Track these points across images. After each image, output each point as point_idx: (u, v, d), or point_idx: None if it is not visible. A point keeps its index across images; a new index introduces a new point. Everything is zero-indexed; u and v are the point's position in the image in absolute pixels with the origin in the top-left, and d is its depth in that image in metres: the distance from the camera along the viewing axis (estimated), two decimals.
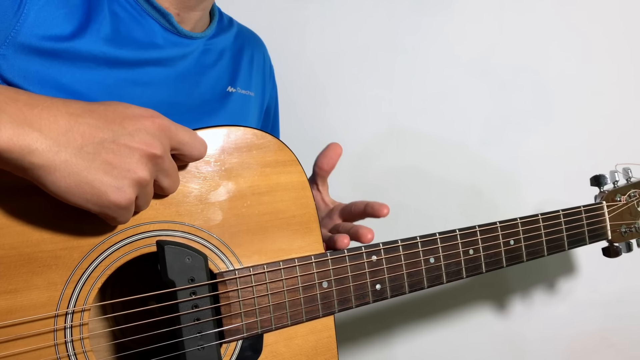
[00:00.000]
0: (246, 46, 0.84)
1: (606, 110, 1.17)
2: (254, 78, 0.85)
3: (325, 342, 0.64)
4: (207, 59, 0.75)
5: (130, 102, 0.49)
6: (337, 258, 0.64)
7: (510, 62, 1.15)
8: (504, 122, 1.17)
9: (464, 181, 1.16)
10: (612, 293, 1.19)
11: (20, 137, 0.41)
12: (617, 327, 1.19)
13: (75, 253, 0.51)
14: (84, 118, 0.45)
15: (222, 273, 0.58)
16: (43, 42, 0.56)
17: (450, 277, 0.72)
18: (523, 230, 0.78)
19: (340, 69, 1.15)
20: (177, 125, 0.50)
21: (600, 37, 1.15)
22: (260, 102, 0.87)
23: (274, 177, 0.62)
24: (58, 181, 0.43)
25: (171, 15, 0.67)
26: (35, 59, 0.56)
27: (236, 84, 0.79)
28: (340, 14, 1.13)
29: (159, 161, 0.48)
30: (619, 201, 0.92)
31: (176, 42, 0.69)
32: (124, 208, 0.47)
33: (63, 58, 0.57)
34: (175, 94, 0.69)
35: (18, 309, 0.48)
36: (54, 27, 0.56)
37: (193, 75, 0.72)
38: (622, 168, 0.95)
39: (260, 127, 0.89)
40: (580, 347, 1.19)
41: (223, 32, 0.80)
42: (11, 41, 0.54)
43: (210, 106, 0.75)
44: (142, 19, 0.65)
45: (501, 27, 1.15)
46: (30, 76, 0.56)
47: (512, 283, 1.20)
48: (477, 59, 1.15)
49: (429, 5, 1.14)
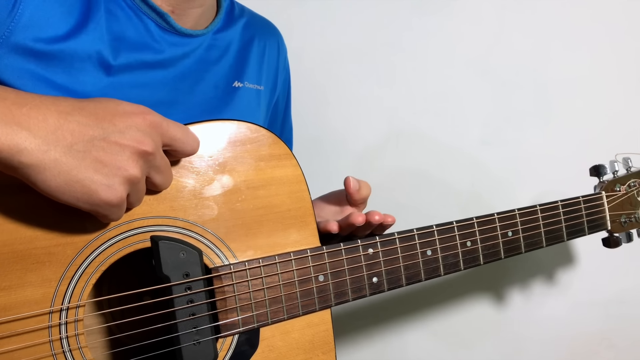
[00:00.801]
0: (257, 37, 0.81)
1: (607, 110, 1.16)
2: (264, 71, 0.82)
3: (322, 335, 0.64)
4: (211, 55, 0.73)
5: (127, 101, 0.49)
6: (333, 251, 0.64)
7: (511, 62, 1.14)
8: (504, 122, 1.16)
9: (464, 181, 1.16)
10: (613, 293, 1.19)
11: (9, 136, 0.41)
12: (618, 328, 1.19)
13: (69, 249, 0.51)
14: (74, 116, 0.44)
15: (217, 268, 0.58)
16: (37, 44, 0.55)
17: (448, 270, 0.72)
18: (521, 222, 0.78)
19: (340, 68, 1.14)
20: (168, 121, 0.50)
21: (602, 35, 1.14)
22: (270, 95, 0.84)
23: (268, 171, 0.62)
24: (48, 180, 0.43)
25: (167, 14, 0.65)
26: (30, 59, 0.55)
27: (243, 79, 0.77)
28: (340, 13, 1.13)
29: (150, 158, 0.48)
30: (619, 191, 0.91)
31: (174, 42, 0.67)
32: (115, 206, 0.46)
33: (58, 59, 0.56)
34: (174, 93, 0.68)
35: (12, 306, 0.48)
36: (49, 28, 0.55)
37: (194, 73, 0.70)
38: (622, 158, 0.94)
39: (269, 122, 0.87)
40: (580, 347, 1.19)
41: (231, 24, 0.77)
42: (4, 41, 0.53)
43: (214, 103, 0.73)
44: (139, 18, 0.64)
45: (502, 26, 1.14)
46: (25, 76, 0.55)
47: (512, 282, 1.20)
48: (477, 58, 1.14)
49: (430, 4, 1.13)
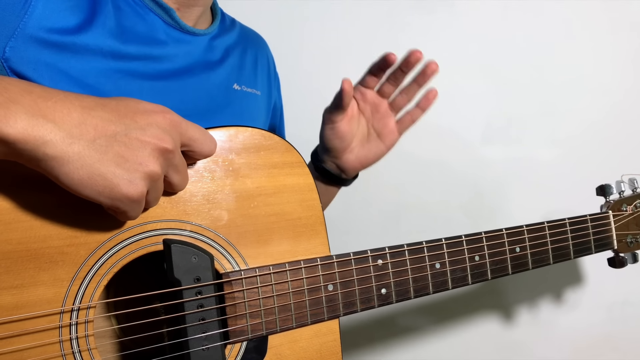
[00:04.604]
0: (250, 46, 0.85)
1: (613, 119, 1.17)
2: (259, 77, 0.85)
3: (329, 345, 0.64)
4: (213, 56, 0.75)
5: (139, 95, 0.50)
6: (342, 261, 0.64)
7: (514, 63, 1.16)
8: (508, 123, 1.16)
9: (466, 182, 1.16)
10: (617, 296, 1.18)
11: (35, 127, 0.41)
12: (622, 330, 1.18)
13: (82, 250, 0.51)
14: (97, 111, 0.45)
15: (228, 273, 0.57)
16: (50, 35, 0.56)
17: (456, 283, 0.71)
18: (529, 238, 0.78)
19: (340, 68, 1.15)
20: (187, 121, 0.51)
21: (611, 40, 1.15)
22: (267, 101, 0.87)
23: (281, 179, 0.62)
24: (71, 173, 0.43)
25: (173, 10, 0.68)
26: (44, 51, 0.56)
27: (241, 82, 0.80)
28: (340, 12, 1.13)
29: (169, 156, 0.48)
30: (625, 211, 0.91)
31: (179, 38, 0.69)
32: (135, 201, 0.46)
33: (71, 51, 0.58)
34: (183, 90, 0.70)
35: (24, 305, 0.48)
36: (60, 20, 0.57)
37: (196, 70, 0.72)
38: (628, 178, 0.95)
39: (269, 126, 0.90)
40: (584, 350, 1.18)
41: (226, 32, 0.80)
42: (20, 33, 0.55)
43: (217, 102, 0.75)
44: (145, 14, 0.66)
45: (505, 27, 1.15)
46: (40, 69, 0.56)
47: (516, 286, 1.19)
48: (480, 59, 1.15)
49: (431, 3, 1.14)
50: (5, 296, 0.47)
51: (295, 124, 0.96)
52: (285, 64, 1.02)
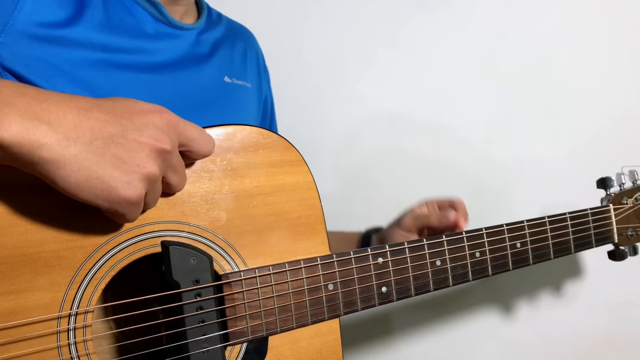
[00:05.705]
0: (238, 40, 0.85)
1: (612, 111, 1.16)
2: (249, 70, 0.85)
3: (330, 345, 0.63)
4: (201, 50, 0.75)
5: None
6: (343, 260, 0.63)
7: (515, 62, 1.15)
8: (508, 121, 1.16)
9: (466, 181, 1.16)
10: (618, 295, 1.18)
11: (30, 130, 0.40)
12: (623, 330, 1.19)
13: (78, 253, 0.50)
14: (93, 112, 0.44)
15: (228, 274, 0.57)
16: (41, 29, 0.56)
17: (457, 280, 0.71)
18: (530, 233, 0.77)
19: (340, 67, 1.14)
20: (185, 121, 0.50)
21: (608, 36, 1.15)
22: (258, 94, 0.87)
23: (279, 177, 0.61)
24: (68, 176, 0.42)
25: (162, 5, 0.68)
26: (35, 45, 0.56)
27: (232, 75, 0.80)
28: (340, 11, 1.12)
29: (167, 157, 0.47)
30: (626, 204, 0.91)
31: (168, 33, 0.70)
32: (133, 204, 0.46)
33: (61, 44, 0.58)
34: (176, 83, 0.70)
35: (21, 310, 0.47)
36: (49, 14, 0.57)
37: (186, 64, 0.72)
38: (629, 170, 0.94)
39: (260, 120, 0.90)
40: (585, 350, 1.18)
41: (213, 26, 0.80)
42: (10, 29, 0.54)
43: (210, 95, 0.75)
44: (133, 8, 0.67)
45: (505, 25, 1.14)
46: (32, 64, 0.56)
47: (517, 286, 1.19)
48: (479, 57, 1.14)
49: (431, 1, 1.13)
50: (2, 302, 0.47)
51: (295, 123, 0.96)
52: (284, 61, 1.01)
